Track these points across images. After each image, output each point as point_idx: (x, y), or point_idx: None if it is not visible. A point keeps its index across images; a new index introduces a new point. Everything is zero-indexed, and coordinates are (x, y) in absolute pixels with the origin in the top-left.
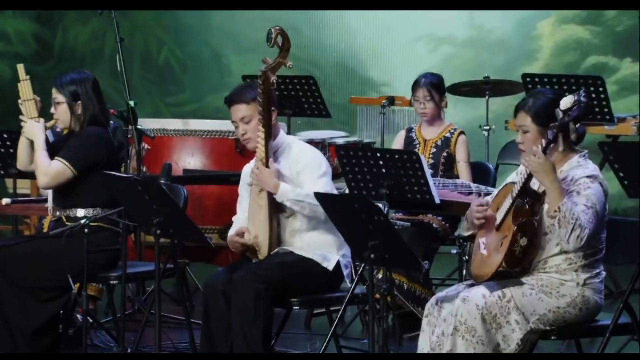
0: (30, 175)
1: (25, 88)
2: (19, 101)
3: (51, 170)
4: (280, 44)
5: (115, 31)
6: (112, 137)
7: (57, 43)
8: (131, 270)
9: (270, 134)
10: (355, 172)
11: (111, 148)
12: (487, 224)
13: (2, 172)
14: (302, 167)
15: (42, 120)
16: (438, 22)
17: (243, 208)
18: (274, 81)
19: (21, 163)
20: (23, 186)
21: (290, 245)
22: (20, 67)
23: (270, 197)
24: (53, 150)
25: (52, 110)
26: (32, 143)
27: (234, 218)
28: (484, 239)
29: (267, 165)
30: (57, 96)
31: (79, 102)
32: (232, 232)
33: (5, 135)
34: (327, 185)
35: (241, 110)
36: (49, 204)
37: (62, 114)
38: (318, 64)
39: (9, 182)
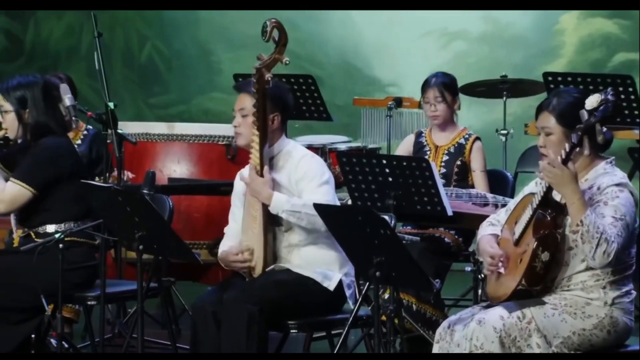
0: None
1: None
2: None
3: (6, 195)
4: (276, 39)
5: (93, 26)
6: (72, 143)
7: (29, 39)
8: (111, 289)
9: (265, 137)
10: (359, 181)
11: (73, 156)
12: (505, 242)
13: None
14: (302, 175)
15: None
16: (450, 15)
17: (236, 218)
18: (269, 79)
19: None
20: None
21: (287, 262)
22: None
23: (265, 208)
24: (5, 158)
25: (0, 119)
26: None
27: (226, 229)
28: None
29: (261, 174)
30: (4, 104)
31: (27, 109)
32: (224, 247)
33: None
34: (327, 195)
35: (243, 100)
36: (13, 225)
37: (10, 123)
38: (318, 61)
39: None
